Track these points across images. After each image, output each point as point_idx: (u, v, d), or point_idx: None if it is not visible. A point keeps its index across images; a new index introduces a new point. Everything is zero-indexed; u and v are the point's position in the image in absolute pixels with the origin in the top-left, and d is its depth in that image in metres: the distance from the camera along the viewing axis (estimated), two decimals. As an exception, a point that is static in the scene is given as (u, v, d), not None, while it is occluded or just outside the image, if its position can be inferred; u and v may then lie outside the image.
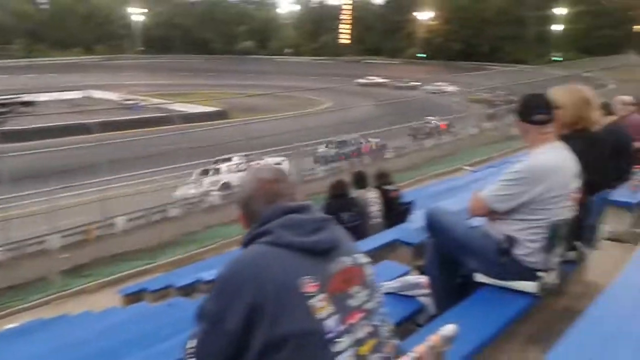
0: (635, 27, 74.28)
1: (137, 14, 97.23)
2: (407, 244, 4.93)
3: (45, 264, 12.10)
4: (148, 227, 16.18)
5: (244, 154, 19.98)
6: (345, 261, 1.64)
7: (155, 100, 49.06)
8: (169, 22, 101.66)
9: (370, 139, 24.28)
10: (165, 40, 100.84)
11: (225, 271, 1.57)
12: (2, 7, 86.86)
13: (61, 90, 54.27)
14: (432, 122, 28.85)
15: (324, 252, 1.60)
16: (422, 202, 7.11)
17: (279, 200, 1.71)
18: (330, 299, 1.53)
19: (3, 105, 43.19)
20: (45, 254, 12.80)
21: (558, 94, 3.16)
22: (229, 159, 19.89)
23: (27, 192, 14.05)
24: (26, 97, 47.50)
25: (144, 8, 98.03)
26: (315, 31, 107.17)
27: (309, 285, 1.51)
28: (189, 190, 18.35)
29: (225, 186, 18.36)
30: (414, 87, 58.54)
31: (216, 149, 20.00)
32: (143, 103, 48.02)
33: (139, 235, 15.26)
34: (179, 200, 17.46)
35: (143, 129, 30.79)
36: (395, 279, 3.34)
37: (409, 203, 7.73)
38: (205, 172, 19.41)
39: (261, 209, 1.70)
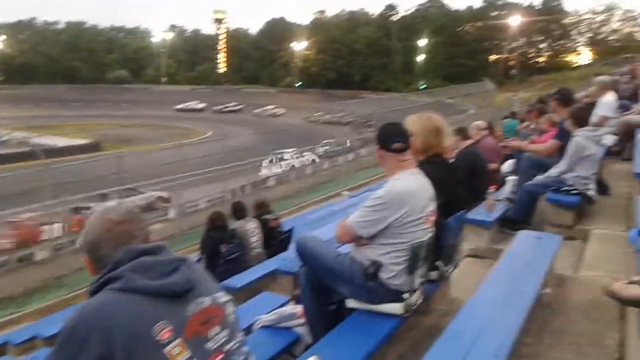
0: (489, 56, 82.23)
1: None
2: (287, 273, 4.94)
3: None
4: (10, 273, 14.79)
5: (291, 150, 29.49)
6: (204, 302, 1.58)
7: (18, 134, 45.19)
8: (32, 49, 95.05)
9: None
10: (29, 69, 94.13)
11: (71, 321, 1.43)
12: None
13: None
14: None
15: (180, 294, 1.53)
16: (302, 230, 7.16)
17: (131, 243, 1.60)
18: (186, 343, 1.47)
19: None
20: None
21: (410, 122, 3.36)
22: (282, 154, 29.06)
23: None
24: None
25: (2, 35, 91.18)
26: (191, 60, 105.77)
27: (163, 331, 1.44)
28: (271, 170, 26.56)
29: (293, 168, 27.37)
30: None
31: (88, 184, 18.84)
32: (5, 137, 43.98)
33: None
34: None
35: (4, 165, 28.32)
36: (273, 310, 3.33)
37: (289, 231, 7.78)
38: (271, 161, 28.03)
39: (110, 253, 1.57)
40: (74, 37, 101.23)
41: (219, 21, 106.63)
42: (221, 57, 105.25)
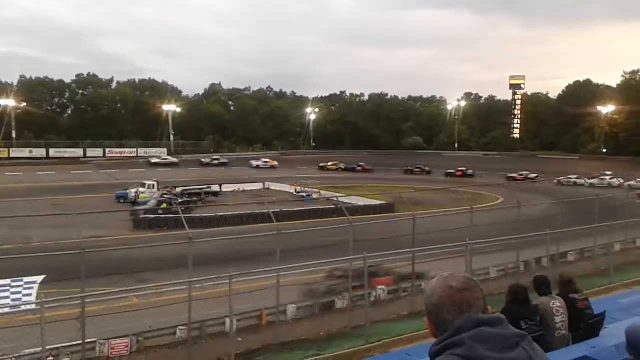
0: None
1: (311, 114, 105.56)
2: (599, 362, 4.44)
3: (222, 346, 12.83)
4: (316, 318, 16.51)
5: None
6: None
7: (325, 192, 51.49)
8: (340, 119, 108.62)
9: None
10: (337, 137, 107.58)
11: None
12: (198, 109, 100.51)
13: (243, 182, 59.73)
14: None
15: None
16: (616, 315, 6.36)
17: (470, 310, 1.65)
18: None
19: (193, 194, 49.05)
20: (223, 335, 13.60)
21: None
22: None
23: (211, 276, 15.22)
24: (213, 188, 53.75)
25: (317, 107, 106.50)
26: (484, 126, 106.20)
27: None
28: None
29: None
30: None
31: (383, 242, 20.10)
32: (314, 195, 50.70)
33: (305, 325, 15.60)
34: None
35: (313, 220, 32.19)
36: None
37: (600, 315, 6.94)
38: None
39: (450, 318, 1.65)
40: (376, 107, 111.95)
41: (515, 86, 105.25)
42: (516, 123, 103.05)
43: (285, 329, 15.05)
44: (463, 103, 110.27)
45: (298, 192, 53.99)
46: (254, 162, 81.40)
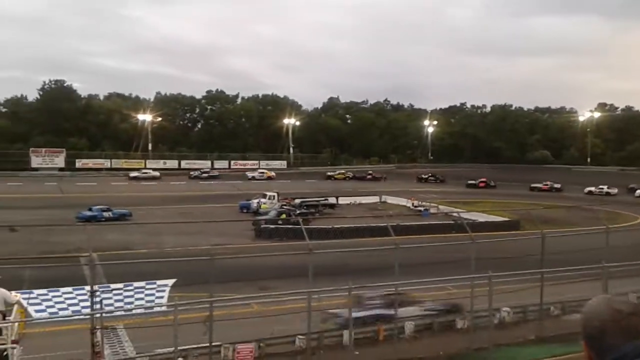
0: None
1: (429, 126, 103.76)
2: None
3: (340, 358, 12.81)
4: (434, 336, 16.02)
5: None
6: None
7: (444, 208, 50.20)
8: (460, 132, 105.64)
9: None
10: (456, 150, 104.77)
11: None
12: (316, 122, 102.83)
13: (359, 195, 59.96)
14: None
15: None
16: None
17: (638, 338, 1.52)
18: None
19: (311, 206, 50.14)
20: (341, 347, 13.59)
21: None
22: None
23: (330, 288, 15.34)
24: (330, 200, 54.57)
25: (435, 120, 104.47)
26: (620, 139, 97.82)
27: None
28: None
29: None
30: None
31: (508, 262, 19.08)
32: (432, 209, 49.67)
33: (424, 343, 15.17)
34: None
35: (431, 235, 31.47)
36: None
37: None
38: None
39: (615, 344, 1.52)
40: (499, 119, 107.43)
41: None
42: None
43: (402, 346, 14.75)
44: (597, 114, 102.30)
45: (415, 206, 53.20)
46: (250, 174, 79.88)
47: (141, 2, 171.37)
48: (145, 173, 76.17)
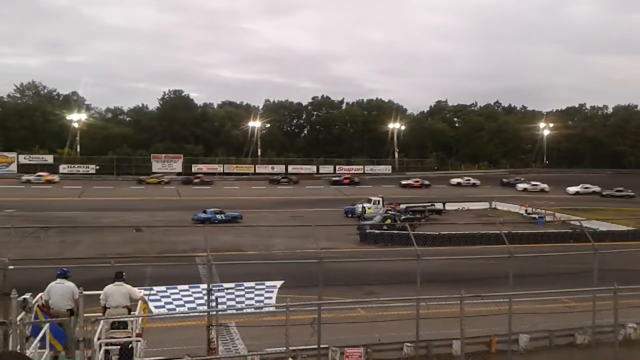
0: None
1: (544, 129, 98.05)
2: None
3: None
4: (551, 351, 15.05)
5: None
6: None
7: (560, 215, 47.23)
8: (579, 135, 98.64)
9: None
10: (573, 154, 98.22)
11: None
12: (422, 127, 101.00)
13: (467, 201, 58.03)
14: None
15: None
16: None
17: None
18: None
19: (418, 211, 49.27)
20: (450, 358, 13.15)
21: None
22: None
23: (441, 296, 14.90)
24: (436, 205, 53.32)
25: (551, 122, 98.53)
26: None
27: None
28: None
29: None
30: None
31: (637, 274, 17.46)
32: (548, 217, 46.96)
33: (541, 358, 14.29)
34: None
35: (547, 244, 29.82)
36: None
37: None
38: None
39: None
40: (623, 121, 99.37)
41: None
42: None
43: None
44: None
45: (529, 213, 50.52)
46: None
47: (255, 16, 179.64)
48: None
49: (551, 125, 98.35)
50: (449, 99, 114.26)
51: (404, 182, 78.44)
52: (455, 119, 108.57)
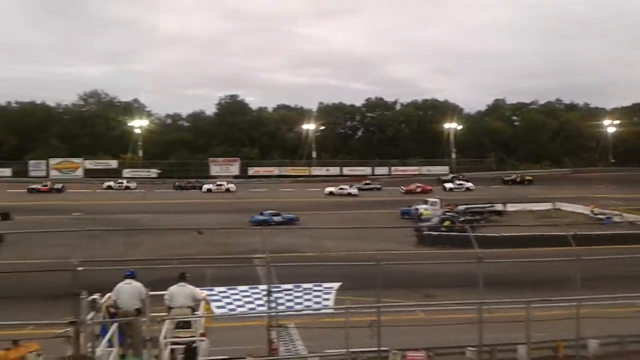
0: None
1: (609, 126, 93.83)
2: None
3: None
4: (623, 357, 14.34)
5: None
6: None
7: (629, 215, 45.06)
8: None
9: None
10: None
11: None
12: (479, 126, 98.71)
13: (530, 202, 56.19)
14: None
15: None
16: None
17: None
18: None
19: (477, 213, 48.15)
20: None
21: None
22: None
23: (505, 299, 14.43)
24: (497, 207, 51.90)
25: (617, 119, 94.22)
26: None
27: None
28: None
29: None
30: None
31: None
32: (616, 218, 44.90)
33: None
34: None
35: (616, 246, 28.57)
36: None
37: None
38: None
39: None
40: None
41: None
42: None
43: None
44: None
45: (596, 214, 48.41)
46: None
47: (309, 20, 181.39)
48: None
49: (616, 122, 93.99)
50: (506, 97, 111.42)
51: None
52: (514, 118, 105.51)
